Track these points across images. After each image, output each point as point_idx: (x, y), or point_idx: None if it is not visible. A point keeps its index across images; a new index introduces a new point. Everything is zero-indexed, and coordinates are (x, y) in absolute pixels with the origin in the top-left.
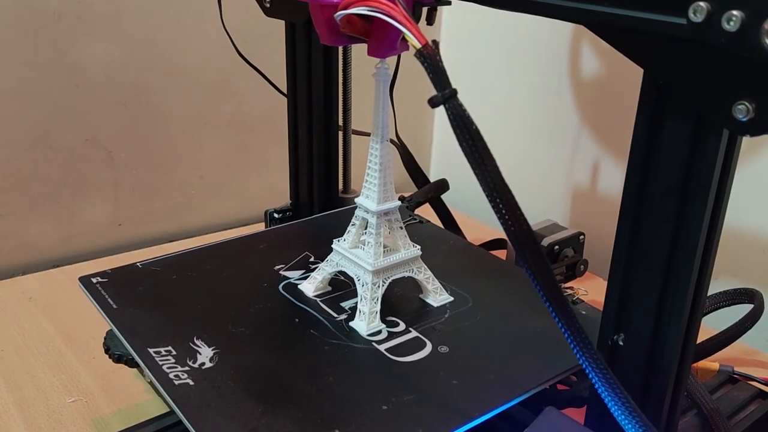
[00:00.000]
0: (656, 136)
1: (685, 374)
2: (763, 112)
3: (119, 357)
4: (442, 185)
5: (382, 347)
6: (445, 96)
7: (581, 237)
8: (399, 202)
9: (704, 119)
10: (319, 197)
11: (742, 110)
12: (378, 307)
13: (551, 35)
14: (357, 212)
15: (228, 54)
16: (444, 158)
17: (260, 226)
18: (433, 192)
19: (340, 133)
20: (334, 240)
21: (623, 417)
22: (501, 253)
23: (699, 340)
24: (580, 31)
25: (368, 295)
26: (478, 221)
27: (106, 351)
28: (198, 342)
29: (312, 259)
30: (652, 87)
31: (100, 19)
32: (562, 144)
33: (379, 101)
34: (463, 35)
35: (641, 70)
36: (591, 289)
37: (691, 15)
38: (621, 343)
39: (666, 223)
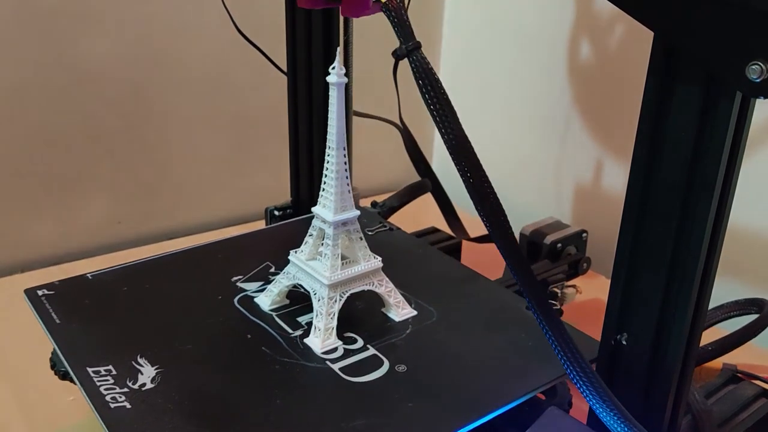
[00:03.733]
0: (666, 104)
1: (688, 374)
2: None
3: (64, 374)
4: (421, 187)
5: (336, 366)
6: (409, 48)
7: (584, 235)
8: (357, 212)
9: (715, 82)
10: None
11: (756, 71)
12: (334, 323)
13: (553, 31)
14: (314, 222)
15: (228, 51)
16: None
17: (261, 224)
18: (409, 196)
19: None
20: (291, 251)
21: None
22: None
23: (705, 341)
24: (580, 27)
25: (324, 310)
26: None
27: (52, 367)
28: (141, 360)
29: (273, 270)
30: (663, 52)
31: (99, 15)
32: (564, 142)
33: (334, 107)
34: (465, 33)
35: (641, 67)
36: (593, 288)
37: None
38: (624, 342)
39: (675, 199)
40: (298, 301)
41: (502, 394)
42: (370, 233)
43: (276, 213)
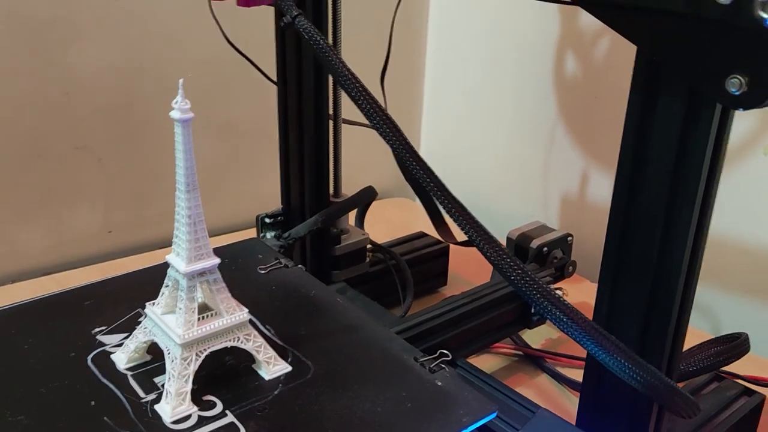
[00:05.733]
0: (649, 115)
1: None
2: (756, 85)
3: None
4: (366, 195)
5: None
6: (293, 16)
7: (569, 238)
8: (216, 260)
9: (697, 95)
10: (310, 201)
11: (735, 84)
12: (188, 387)
13: (540, 42)
14: (169, 272)
15: (218, 61)
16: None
17: (253, 232)
18: (321, 223)
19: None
20: (147, 303)
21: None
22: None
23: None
24: (567, 38)
25: (176, 372)
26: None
27: None
28: None
29: (142, 319)
30: (646, 65)
31: (89, 26)
32: (549, 148)
33: (180, 146)
34: (451, 42)
35: (625, 75)
36: (579, 291)
37: None
38: None
39: (659, 207)
40: (162, 356)
41: None
42: (262, 272)
43: (267, 220)
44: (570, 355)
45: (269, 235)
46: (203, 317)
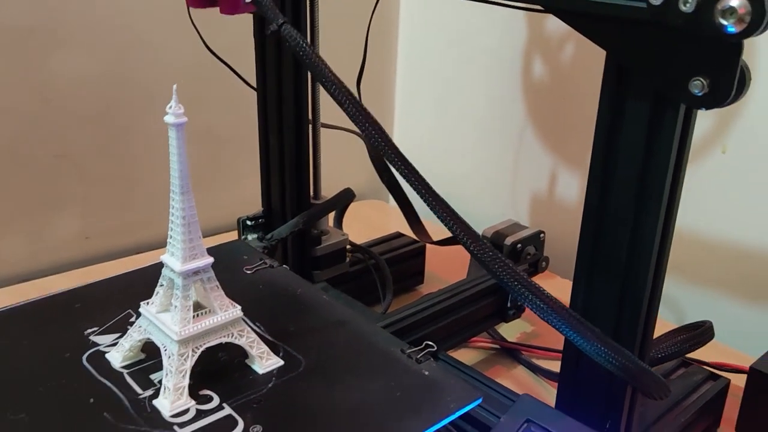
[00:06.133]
0: (618, 115)
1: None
2: (716, 87)
3: None
4: (344, 197)
5: (185, 431)
6: (279, 24)
7: (541, 235)
8: (210, 259)
9: (662, 96)
10: (291, 203)
11: (698, 86)
12: (186, 381)
13: (507, 47)
14: (164, 271)
15: (196, 67)
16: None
17: (234, 235)
18: (302, 224)
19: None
20: (142, 302)
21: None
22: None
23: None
24: (534, 43)
25: (174, 368)
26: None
27: None
28: None
29: (133, 319)
30: (614, 69)
31: (68, 35)
32: (519, 149)
33: (174, 149)
34: (421, 47)
35: (590, 78)
36: (550, 288)
37: None
38: None
39: (629, 204)
40: (156, 354)
41: None
42: (248, 272)
43: (248, 222)
44: (545, 347)
45: (251, 237)
46: (198, 314)
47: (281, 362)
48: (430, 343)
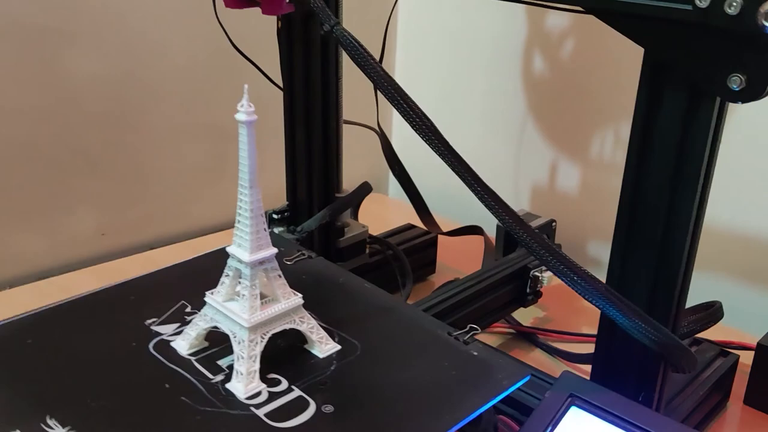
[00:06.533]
0: (654, 107)
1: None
2: (753, 82)
3: None
4: (363, 190)
5: (260, 412)
6: (332, 25)
7: (553, 224)
8: (275, 250)
9: (698, 91)
10: (318, 197)
11: (736, 81)
12: (257, 366)
13: (508, 42)
14: (229, 262)
15: (204, 65)
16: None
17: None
18: (329, 216)
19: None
20: (207, 292)
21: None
22: (478, 240)
23: None
24: (534, 38)
25: (245, 353)
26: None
27: None
28: (51, 422)
29: (189, 310)
30: (652, 64)
31: (81, 34)
32: (519, 143)
33: (245, 146)
34: (420, 43)
35: (589, 74)
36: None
37: (697, 1)
38: None
39: (663, 193)
40: (218, 342)
41: (433, 428)
42: (288, 263)
43: (275, 216)
44: (560, 331)
45: (277, 230)
46: (263, 302)
47: (339, 347)
48: (474, 326)
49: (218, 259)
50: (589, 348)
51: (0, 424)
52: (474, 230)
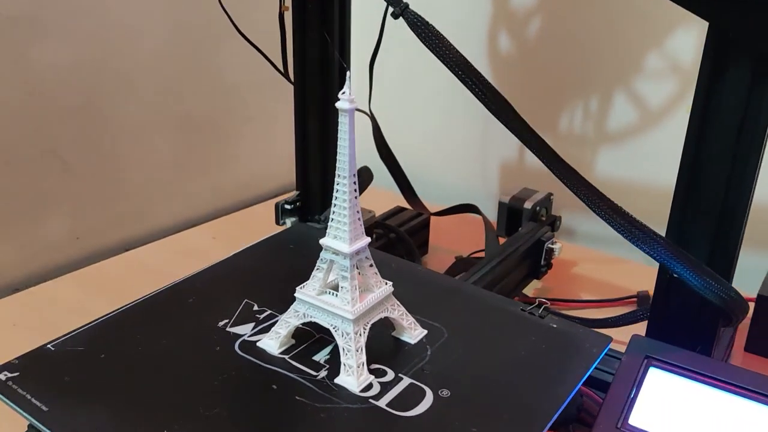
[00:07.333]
0: (718, 76)
1: None
2: None
3: None
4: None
5: (381, 403)
6: (402, 8)
7: (551, 197)
8: (368, 239)
9: (761, 63)
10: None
11: None
12: (364, 357)
13: (473, 24)
14: (323, 255)
15: (174, 58)
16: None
17: (213, 223)
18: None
19: None
20: (297, 288)
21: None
22: (467, 220)
23: None
24: (500, 19)
25: (352, 346)
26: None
27: None
28: None
29: (256, 308)
30: (717, 35)
31: (48, 26)
32: (486, 121)
33: (345, 134)
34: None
35: (555, 51)
36: None
37: None
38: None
39: (725, 155)
40: (303, 339)
41: (550, 399)
42: None
43: (287, 207)
44: (565, 299)
45: (289, 221)
46: (359, 292)
47: (425, 331)
48: (544, 300)
49: (258, 255)
50: (597, 313)
51: None
52: (469, 208)
